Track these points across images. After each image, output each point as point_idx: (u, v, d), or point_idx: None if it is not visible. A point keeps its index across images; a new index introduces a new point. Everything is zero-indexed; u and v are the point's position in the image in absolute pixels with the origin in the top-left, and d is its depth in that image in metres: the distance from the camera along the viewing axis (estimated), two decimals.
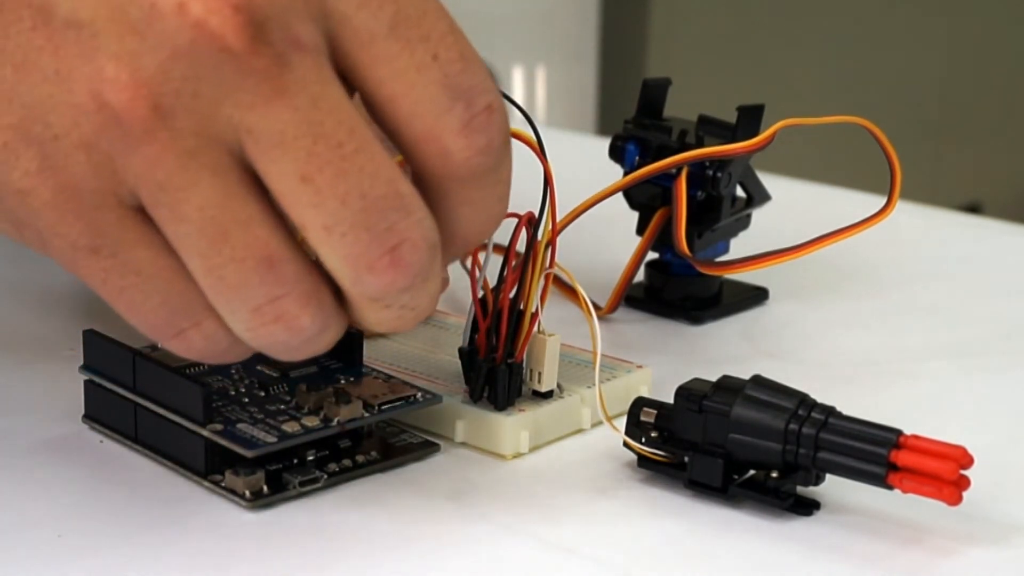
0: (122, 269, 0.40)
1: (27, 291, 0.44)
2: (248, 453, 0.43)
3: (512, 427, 0.47)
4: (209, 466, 0.44)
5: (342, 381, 0.46)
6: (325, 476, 0.44)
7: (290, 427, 0.44)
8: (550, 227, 0.46)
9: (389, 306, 0.41)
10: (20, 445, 0.47)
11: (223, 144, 0.39)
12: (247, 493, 0.43)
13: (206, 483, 0.44)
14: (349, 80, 0.40)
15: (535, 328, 0.47)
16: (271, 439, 0.43)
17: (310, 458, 0.45)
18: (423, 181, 0.41)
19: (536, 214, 0.46)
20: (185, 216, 0.39)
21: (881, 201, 0.53)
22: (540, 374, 0.48)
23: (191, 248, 0.39)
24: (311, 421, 0.44)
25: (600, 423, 0.48)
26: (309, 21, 0.39)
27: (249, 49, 0.38)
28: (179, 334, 0.41)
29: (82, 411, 0.47)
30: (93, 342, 0.46)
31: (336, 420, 0.44)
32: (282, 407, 0.45)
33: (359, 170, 0.39)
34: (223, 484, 0.44)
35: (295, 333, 0.40)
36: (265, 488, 0.43)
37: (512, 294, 0.46)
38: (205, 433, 0.44)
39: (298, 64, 0.38)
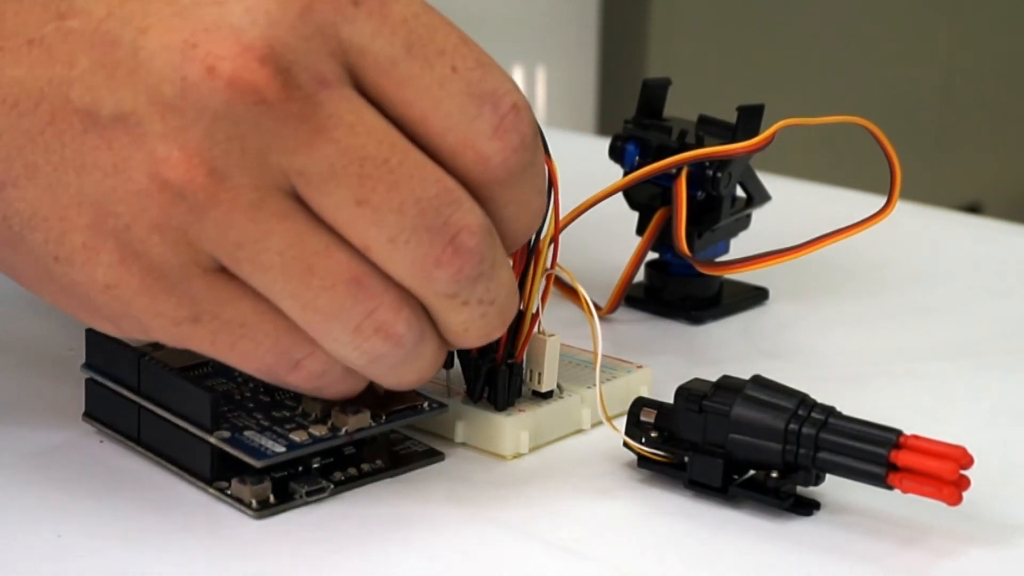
0: (228, 327, 0.42)
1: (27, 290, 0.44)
2: (257, 464, 0.43)
3: (512, 427, 0.47)
4: (215, 473, 0.44)
5: None
6: (332, 486, 0.44)
7: (298, 436, 0.44)
8: (553, 226, 0.46)
9: (467, 302, 0.42)
10: (19, 445, 0.46)
11: (281, 190, 0.40)
12: (254, 503, 0.43)
13: (211, 490, 0.44)
14: (379, 109, 0.41)
15: (535, 328, 0.47)
16: (280, 449, 0.43)
17: (315, 466, 0.44)
18: (467, 191, 0.42)
19: None
20: (268, 265, 0.41)
21: (881, 201, 0.53)
22: (540, 374, 0.48)
23: (281, 292, 0.41)
24: (319, 430, 0.44)
25: (600, 423, 0.48)
26: (329, 59, 0.40)
27: (282, 95, 0.40)
28: (296, 366, 0.42)
29: (82, 411, 0.47)
30: (96, 341, 0.46)
31: (344, 430, 0.44)
32: (288, 414, 0.45)
33: (408, 178, 0.41)
34: (229, 492, 0.43)
35: (395, 342, 0.42)
36: (272, 498, 0.43)
37: None
38: (212, 440, 0.43)
39: (327, 100, 0.40)
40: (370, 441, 0.46)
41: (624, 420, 0.46)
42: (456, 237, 0.41)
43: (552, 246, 0.46)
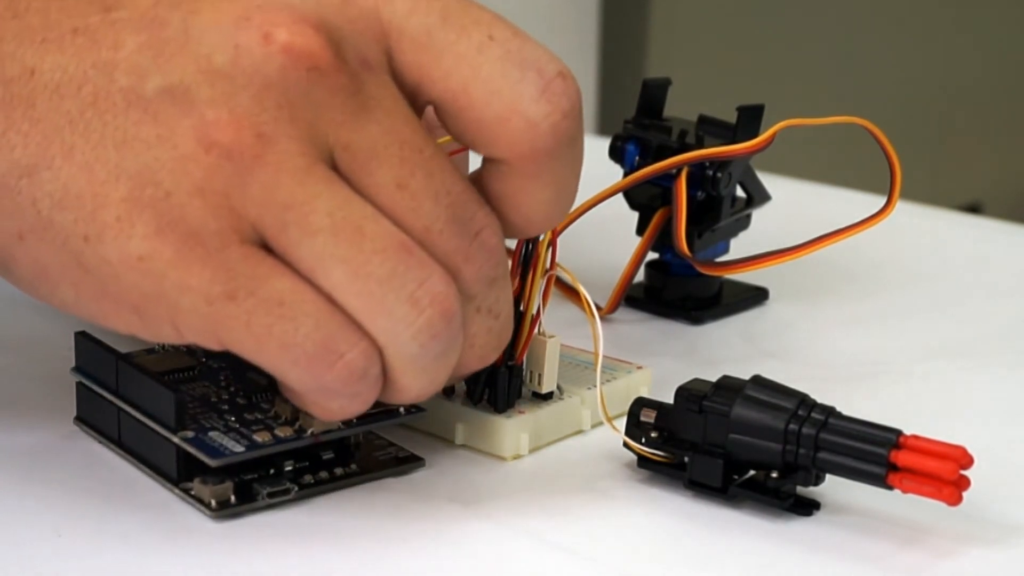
0: (265, 305, 0.40)
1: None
2: (212, 462, 0.42)
3: (512, 429, 0.47)
4: (181, 473, 0.43)
5: None
6: (296, 488, 0.43)
7: (261, 437, 0.43)
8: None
9: (479, 308, 0.42)
10: (16, 445, 0.46)
11: (326, 160, 0.40)
12: (213, 503, 0.42)
13: (177, 491, 0.43)
14: (419, 92, 0.42)
15: (535, 330, 0.47)
16: (239, 448, 0.43)
17: (288, 469, 0.44)
18: (509, 170, 0.42)
19: None
20: (317, 227, 0.40)
21: (881, 201, 0.53)
22: (540, 376, 0.48)
23: (331, 257, 0.40)
24: (284, 431, 0.43)
25: (600, 424, 0.48)
26: (373, 43, 0.41)
27: (334, 65, 0.40)
28: (340, 359, 0.40)
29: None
30: (83, 345, 0.46)
31: (310, 431, 0.44)
32: (259, 416, 0.44)
33: (440, 170, 0.41)
34: (192, 492, 0.43)
35: (449, 319, 0.41)
36: (233, 498, 0.43)
37: None
38: (176, 440, 0.43)
39: (369, 81, 0.41)
40: (354, 446, 0.45)
41: (624, 420, 0.46)
42: (480, 234, 0.42)
43: (551, 247, 0.46)
